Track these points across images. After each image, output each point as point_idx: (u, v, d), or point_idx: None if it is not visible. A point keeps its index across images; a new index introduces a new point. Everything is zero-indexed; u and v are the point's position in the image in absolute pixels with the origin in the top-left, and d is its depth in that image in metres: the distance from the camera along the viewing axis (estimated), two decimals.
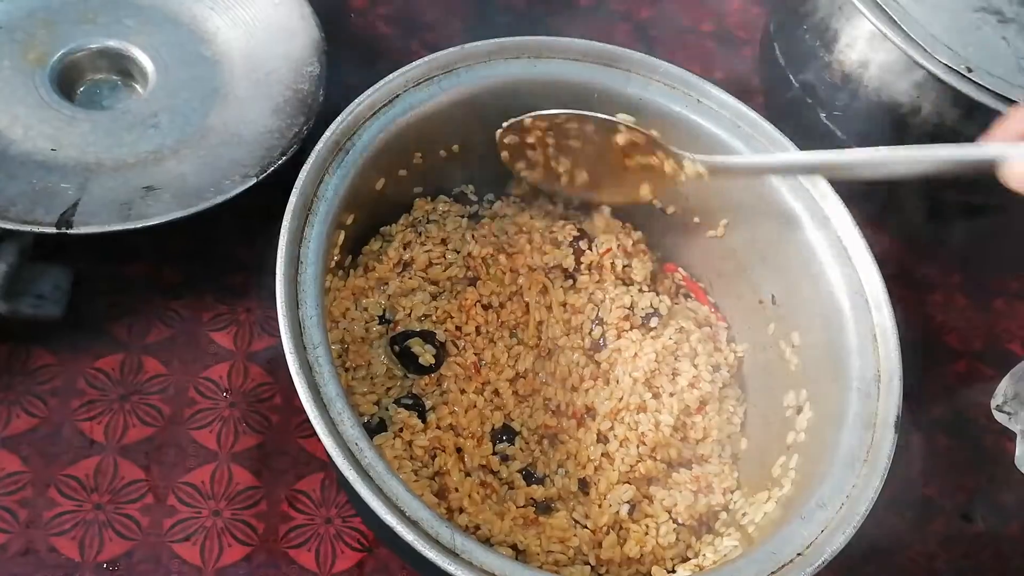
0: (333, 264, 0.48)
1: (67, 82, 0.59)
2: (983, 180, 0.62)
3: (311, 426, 0.53)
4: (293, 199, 0.44)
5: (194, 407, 0.53)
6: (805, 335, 0.52)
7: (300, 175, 0.45)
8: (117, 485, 0.50)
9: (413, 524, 0.37)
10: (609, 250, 0.58)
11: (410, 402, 0.49)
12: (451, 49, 0.52)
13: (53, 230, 0.49)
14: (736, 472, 0.52)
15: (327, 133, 0.47)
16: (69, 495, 0.49)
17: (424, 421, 0.49)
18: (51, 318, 0.51)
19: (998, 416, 0.61)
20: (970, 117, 0.58)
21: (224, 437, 0.52)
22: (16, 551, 0.47)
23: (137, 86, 0.61)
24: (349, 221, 0.49)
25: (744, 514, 0.49)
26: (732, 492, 0.51)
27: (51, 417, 0.51)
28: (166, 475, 0.50)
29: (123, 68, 0.61)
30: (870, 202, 0.64)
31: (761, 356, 0.56)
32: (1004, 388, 0.62)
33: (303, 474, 0.52)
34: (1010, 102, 0.55)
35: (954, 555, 0.57)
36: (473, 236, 0.56)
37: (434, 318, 0.52)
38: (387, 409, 0.49)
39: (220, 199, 0.52)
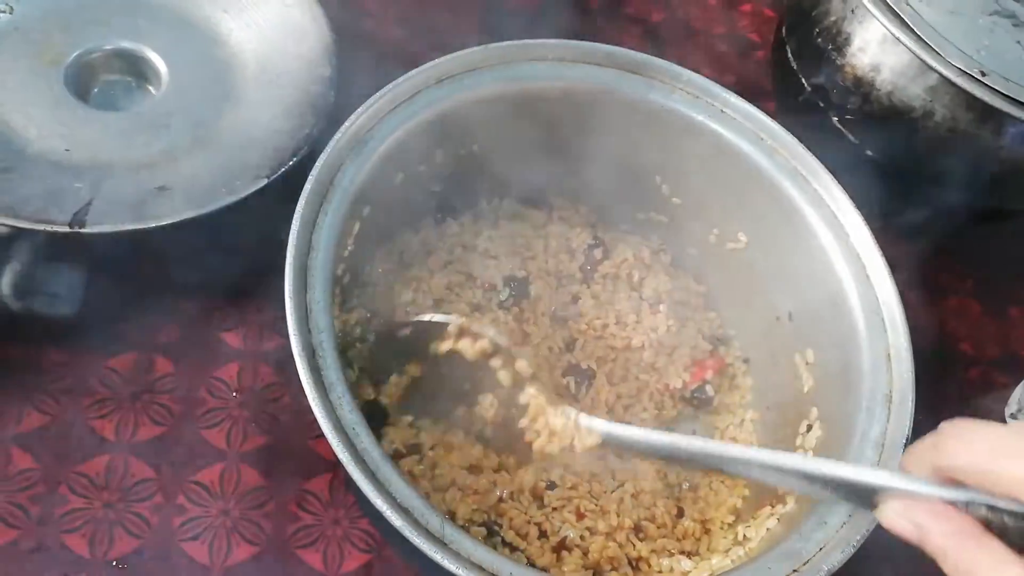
0: (346, 253, 0.48)
1: (82, 83, 0.60)
2: (999, 184, 0.63)
3: (320, 427, 0.54)
4: (308, 185, 0.44)
5: (204, 407, 0.53)
6: (819, 353, 0.51)
7: (317, 163, 0.45)
8: (127, 483, 0.50)
9: (404, 511, 0.37)
10: (626, 260, 0.58)
11: None
12: (474, 48, 0.52)
13: (66, 229, 0.50)
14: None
15: (346, 123, 0.47)
16: (80, 493, 0.49)
17: None
18: (64, 317, 0.52)
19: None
20: (984, 121, 0.58)
21: (233, 437, 0.52)
22: (27, 548, 0.47)
23: (150, 87, 0.62)
24: (365, 213, 0.49)
25: (745, 536, 0.48)
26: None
27: (63, 415, 0.51)
28: (176, 474, 0.51)
29: (137, 69, 0.62)
30: (884, 206, 0.64)
31: (774, 375, 0.55)
32: (1019, 396, 0.61)
33: (311, 475, 0.52)
34: (1022, 105, 0.55)
35: None
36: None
37: None
38: None
39: (231, 199, 0.52)
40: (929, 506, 0.33)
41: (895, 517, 0.33)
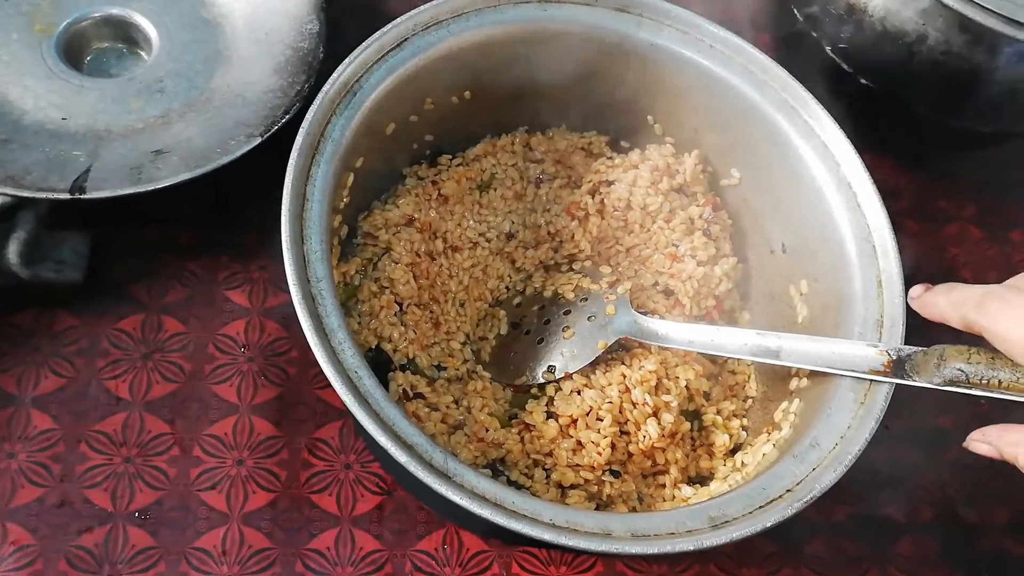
0: (342, 205, 0.49)
1: (74, 52, 0.60)
2: (996, 107, 0.62)
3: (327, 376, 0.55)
4: (299, 138, 0.45)
5: (214, 363, 0.54)
6: (812, 283, 0.52)
7: (307, 115, 0.46)
8: (144, 439, 0.52)
9: (408, 448, 0.39)
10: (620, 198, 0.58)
11: None
12: None
13: (67, 196, 0.51)
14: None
15: (335, 75, 0.47)
16: (99, 449, 0.51)
17: None
18: (72, 282, 0.53)
19: None
20: (978, 42, 0.57)
21: (244, 390, 0.54)
22: (52, 503, 0.49)
23: (142, 53, 0.62)
24: (358, 164, 0.49)
25: (743, 463, 0.49)
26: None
27: (78, 377, 0.53)
28: (190, 428, 0.52)
29: (127, 35, 0.62)
30: (882, 135, 0.63)
31: (770, 307, 0.55)
32: None
33: (321, 423, 0.53)
34: (1017, 24, 0.54)
35: (966, 482, 0.58)
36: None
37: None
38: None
39: (227, 159, 0.53)
40: (998, 426, 0.41)
41: (974, 443, 0.42)
